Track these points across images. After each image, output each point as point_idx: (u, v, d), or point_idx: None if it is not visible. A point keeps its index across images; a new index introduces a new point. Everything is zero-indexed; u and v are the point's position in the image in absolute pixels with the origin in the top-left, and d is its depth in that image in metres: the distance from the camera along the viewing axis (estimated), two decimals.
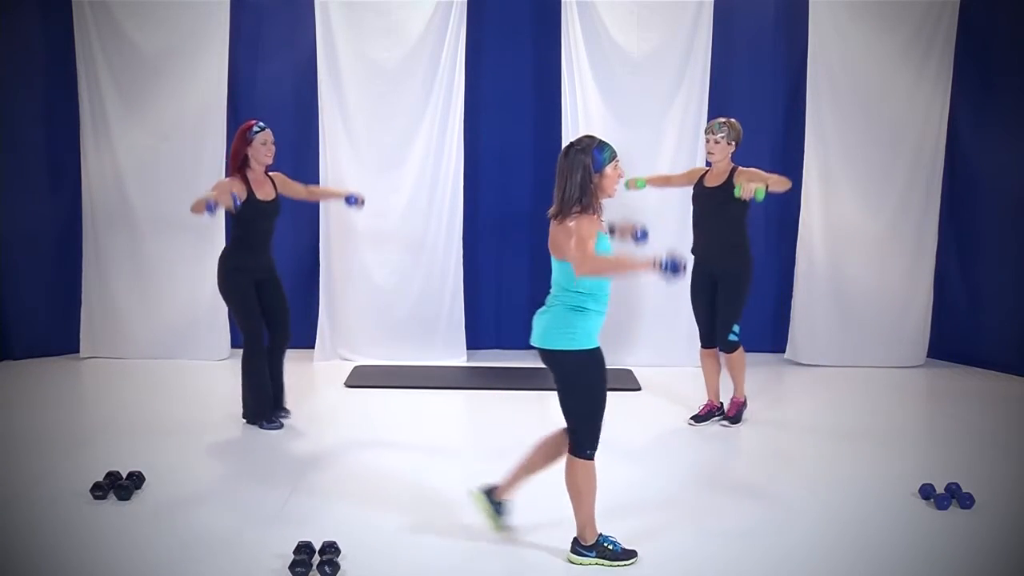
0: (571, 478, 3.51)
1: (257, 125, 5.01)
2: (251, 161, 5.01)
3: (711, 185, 5.18)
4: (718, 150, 5.12)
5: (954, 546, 3.78)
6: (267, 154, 5.03)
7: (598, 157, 3.42)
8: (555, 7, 6.59)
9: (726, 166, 5.16)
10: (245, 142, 4.98)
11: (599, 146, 3.44)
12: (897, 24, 6.53)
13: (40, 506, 3.99)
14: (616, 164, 3.45)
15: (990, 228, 6.70)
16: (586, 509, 3.53)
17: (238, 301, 5.09)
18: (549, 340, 3.46)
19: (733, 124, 5.13)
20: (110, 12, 6.38)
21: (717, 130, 5.10)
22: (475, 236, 6.96)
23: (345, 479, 4.42)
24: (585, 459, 3.48)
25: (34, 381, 6.11)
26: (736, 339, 5.23)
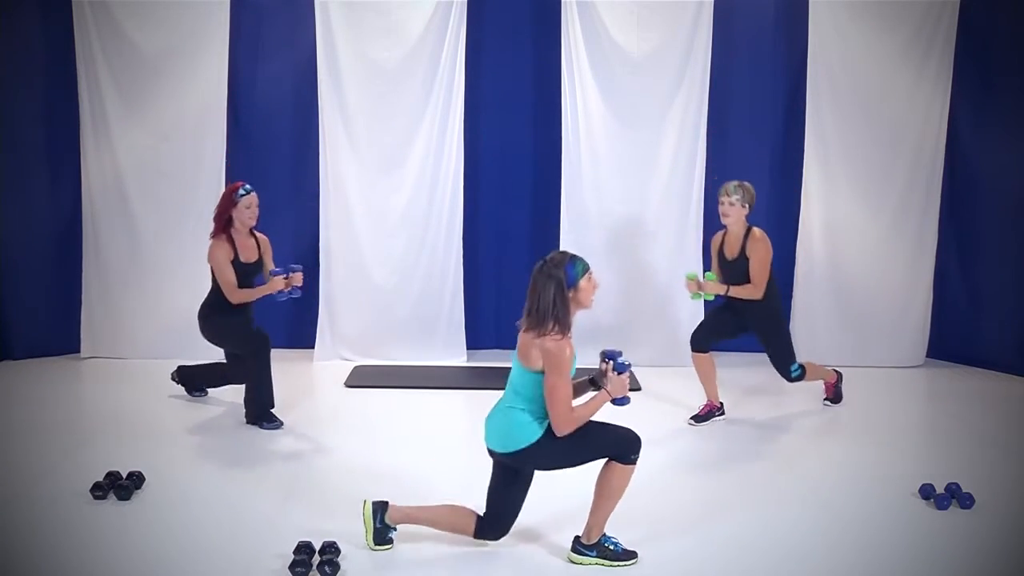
0: (607, 479, 3.50)
1: (243, 188, 5.11)
2: (235, 222, 5.10)
3: (730, 258, 5.25)
4: (733, 212, 5.15)
5: (954, 546, 3.78)
6: (251, 217, 5.14)
7: (570, 273, 3.43)
8: (555, 7, 6.59)
9: (740, 229, 5.20)
10: (231, 204, 5.10)
11: (571, 261, 3.46)
12: (897, 24, 6.53)
13: (40, 506, 3.99)
14: (589, 276, 3.46)
15: (990, 228, 6.69)
16: (607, 512, 3.53)
17: (229, 332, 5.23)
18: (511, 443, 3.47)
19: (747, 188, 5.17)
20: (110, 12, 6.38)
21: (732, 192, 5.13)
22: (475, 236, 6.96)
23: (345, 479, 4.41)
24: (628, 464, 3.48)
25: (34, 381, 6.11)
26: (799, 371, 5.37)
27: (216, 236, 5.12)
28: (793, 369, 5.34)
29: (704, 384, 5.44)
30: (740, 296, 5.15)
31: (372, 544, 3.63)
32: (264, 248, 5.32)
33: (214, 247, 5.10)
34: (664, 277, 6.72)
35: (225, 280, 5.08)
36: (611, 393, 3.47)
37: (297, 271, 5.14)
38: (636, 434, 3.49)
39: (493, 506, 3.63)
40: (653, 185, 6.69)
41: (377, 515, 3.64)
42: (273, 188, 6.55)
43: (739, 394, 5.96)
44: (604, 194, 6.68)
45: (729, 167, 6.58)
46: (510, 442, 3.48)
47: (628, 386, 3.50)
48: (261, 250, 5.28)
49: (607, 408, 3.48)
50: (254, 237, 5.25)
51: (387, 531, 3.65)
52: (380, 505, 3.66)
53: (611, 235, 6.66)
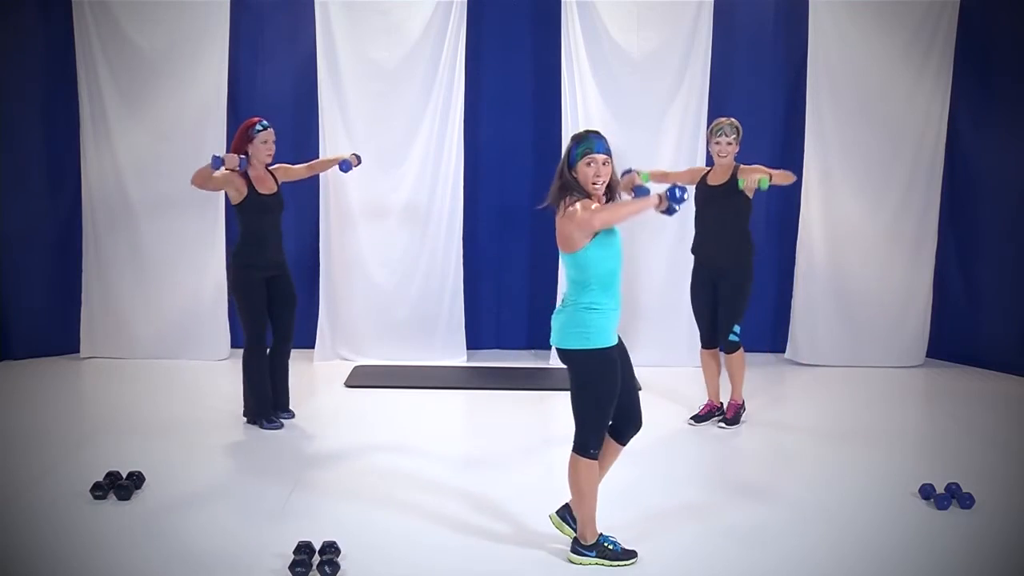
0: (574, 476, 3.51)
1: (260, 124, 5.04)
2: (251, 159, 5.03)
3: (715, 183, 5.20)
4: (730, 151, 5.15)
5: (954, 546, 3.78)
6: (267, 152, 5.06)
7: (572, 152, 3.46)
8: (555, 7, 6.59)
9: (729, 164, 5.17)
10: (247, 139, 5.02)
11: (577, 140, 3.47)
12: (897, 24, 6.53)
13: (40, 506, 4.00)
14: (591, 159, 3.41)
15: (990, 228, 6.70)
16: (587, 508, 3.53)
17: (245, 300, 5.11)
18: (564, 339, 3.47)
19: (739, 126, 5.18)
20: (110, 12, 6.38)
21: (729, 132, 5.13)
22: (475, 236, 6.96)
23: (345, 479, 4.42)
24: (588, 458, 3.47)
25: (34, 381, 6.11)
26: (737, 339, 5.23)
27: None
28: (735, 331, 5.21)
29: (708, 382, 5.44)
30: (782, 181, 5.00)
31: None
32: (283, 174, 5.22)
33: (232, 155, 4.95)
34: (664, 277, 6.72)
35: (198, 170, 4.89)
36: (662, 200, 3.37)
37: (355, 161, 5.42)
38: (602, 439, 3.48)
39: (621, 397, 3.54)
40: (653, 185, 6.67)
41: (566, 519, 3.67)
42: None
43: None
44: None
45: None
46: (562, 338, 3.47)
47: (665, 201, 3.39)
48: (279, 179, 5.18)
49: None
50: (270, 172, 5.15)
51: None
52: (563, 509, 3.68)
53: None
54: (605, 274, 3.43)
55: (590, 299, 3.43)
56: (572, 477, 3.53)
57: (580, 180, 3.42)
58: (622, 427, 3.60)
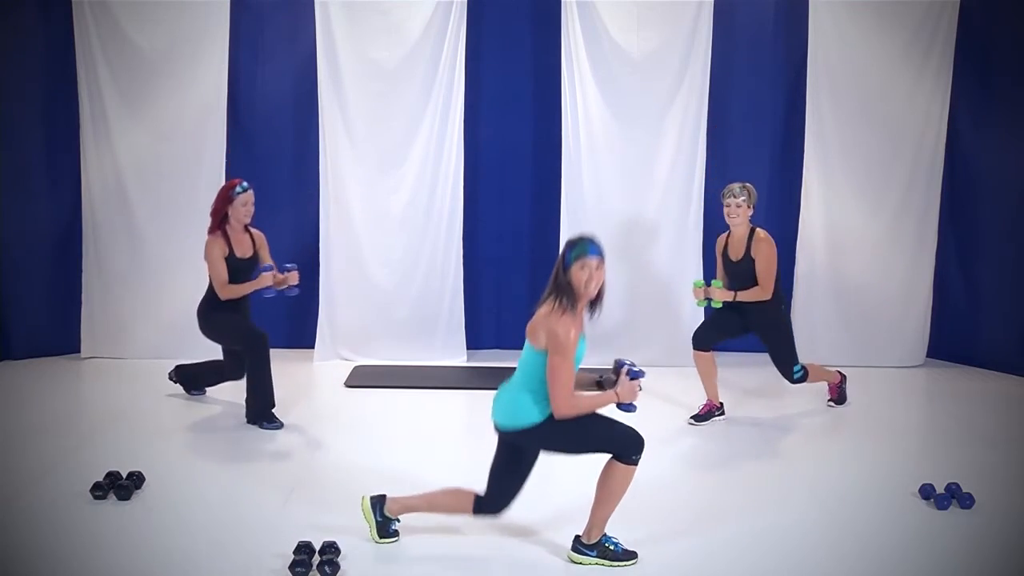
0: (608, 478, 3.50)
1: (240, 186, 5.16)
2: (231, 219, 5.15)
3: (735, 259, 5.27)
4: (740, 214, 5.19)
5: (954, 546, 3.78)
6: (246, 214, 5.19)
7: (567, 255, 3.45)
8: (555, 7, 6.59)
9: (745, 231, 5.23)
10: (227, 201, 5.15)
11: (572, 245, 3.47)
12: (897, 24, 6.53)
13: (40, 506, 3.99)
14: (583, 263, 3.41)
15: (990, 228, 6.69)
16: (608, 511, 3.53)
17: (227, 328, 5.27)
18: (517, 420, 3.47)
19: (751, 189, 5.22)
20: (110, 12, 6.38)
21: (738, 194, 5.16)
22: (475, 236, 6.96)
23: (345, 479, 4.41)
24: (629, 464, 3.47)
25: (34, 381, 6.11)
26: (802, 373, 5.37)
27: (212, 232, 5.17)
28: (796, 371, 5.35)
29: (704, 383, 5.44)
30: (748, 299, 5.17)
31: (376, 538, 3.65)
32: (260, 244, 5.37)
33: (210, 243, 5.15)
34: (664, 277, 6.73)
35: (217, 275, 5.13)
36: (620, 396, 3.45)
37: (292, 270, 5.18)
38: (639, 435, 3.49)
39: (493, 485, 3.61)
40: (653, 185, 6.69)
41: (376, 508, 3.67)
42: (273, 188, 6.57)
43: (739, 394, 5.97)
44: (604, 194, 6.68)
45: (729, 167, 6.60)
46: (514, 419, 3.48)
47: (637, 394, 3.48)
48: (256, 246, 5.34)
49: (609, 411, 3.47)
50: (249, 233, 5.30)
51: (389, 523, 3.67)
52: (378, 499, 3.69)
53: (611, 235, 6.62)
54: None
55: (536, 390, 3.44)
56: (605, 479, 3.50)
57: (573, 283, 3.43)
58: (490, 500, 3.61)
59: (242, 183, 5.17)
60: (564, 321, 3.38)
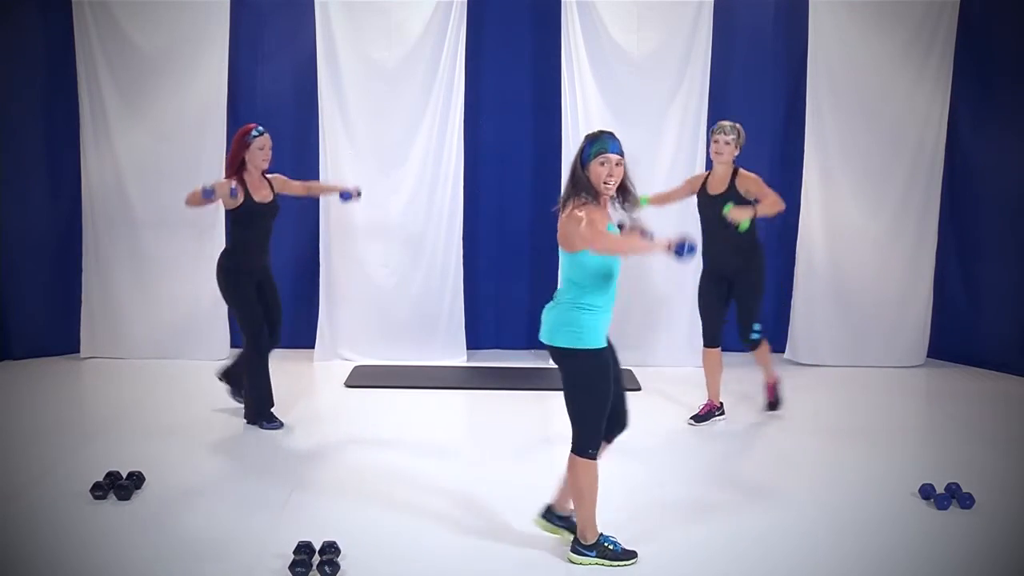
0: (573, 477, 3.51)
1: (256, 129, 5.04)
2: (248, 165, 5.04)
3: (714, 192, 5.19)
4: (727, 151, 5.13)
5: (954, 546, 3.78)
6: (264, 159, 5.06)
7: (586, 151, 3.43)
8: (555, 7, 6.59)
9: (727, 169, 5.17)
10: (243, 146, 5.01)
11: (591, 139, 3.44)
12: (897, 24, 6.53)
13: (40, 506, 4.00)
14: (604, 159, 3.38)
15: (990, 228, 6.69)
16: (587, 509, 3.53)
17: (241, 303, 5.12)
18: (556, 337, 3.45)
19: (740, 130, 5.17)
20: (110, 12, 6.38)
21: (728, 131, 5.12)
22: (475, 236, 6.96)
23: (345, 479, 4.42)
24: (587, 458, 3.47)
25: (34, 381, 6.11)
26: (759, 336, 5.29)
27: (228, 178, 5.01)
28: (756, 329, 5.27)
29: (709, 382, 5.44)
30: (769, 212, 4.99)
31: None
32: (280, 184, 5.24)
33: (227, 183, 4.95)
34: (664, 277, 6.72)
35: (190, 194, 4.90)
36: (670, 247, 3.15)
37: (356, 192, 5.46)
38: (600, 439, 3.48)
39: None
40: (653, 185, 6.65)
41: (552, 520, 3.67)
42: None
43: (739, 394, 5.96)
44: None
45: None
46: (554, 336, 3.45)
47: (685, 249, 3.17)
48: (276, 188, 5.20)
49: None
50: (267, 181, 5.17)
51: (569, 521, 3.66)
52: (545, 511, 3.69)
53: None
54: (602, 277, 3.42)
55: (585, 299, 3.42)
56: (571, 478, 3.53)
57: (592, 179, 3.40)
58: (609, 425, 3.58)
59: (257, 127, 5.04)
60: (587, 208, 3.35)
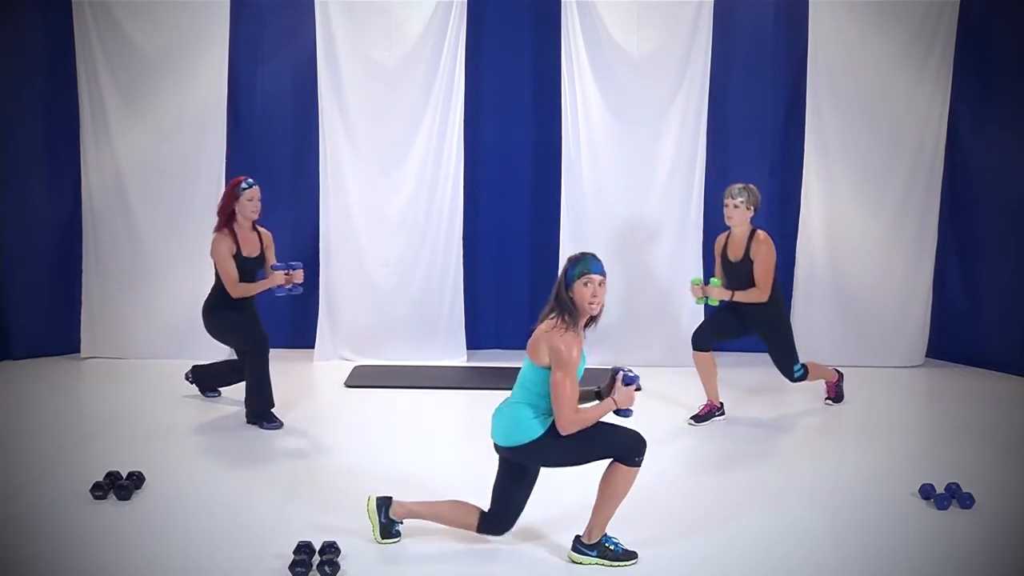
0: (611, 480, 3.50)
1: (245, 182, 5.14)
2: (238, 216, 5.14)
3: (734, 259, 5.26)
4: (737, 215, 5.17)
5: (954, 546, 3.78)
6: (253, 210, 5.16)
7: (569, 272, 3.46)
8: (555, 7, 6.59)
9: (745, 231, 5.22)
10: (234, 197, 5.13)
11: (574, 261, 3.48)
12: (897, 24, 6.53)
13: (40, 506, 4.00)
14: (587, 280, 3.42)
15: (990, 228, 6.69)
16: (609, 513, 3.53)
17: (231, 327, 5.25)
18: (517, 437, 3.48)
19: (752, 190, 5.19)
20: (110, 12, 6.38)
21: (737, 195, 5.15)
22: (475, 236, 6.96)
23: (345, 479, 4.42)
24: (632, 466, 3.48)
25: (34, 381, 6.11)
26: (801, 372, 5.38)
27: (219, 230, 5.15)
28: (796, 370, 5.35)
29: (704, 383, 5.44)
30: (745, 300, 5.16)
31: (379, 538, 3.66)
32: (267, 243, 5.35)
33: (217, 241, 5.13)
34: (664, 277, 6.72)
35: (226, 274, 5.11)
36: (617, 403, 3.48)
37: (298, 268, 5.17)
38: (642, 437, 3.49)
39: (497, 502, 3.64)
40: (653, 185, 6.69)
41: (381, 510, 3.68)
42: (273, 188, 6.53)
43: (739, 394, 5.96)
44: (604, 194, 6.68)
45: (729, 167, 6.60)
46: (514, 437, 3.49)
47: (634, 398, 3.50)
48: (264, 244, 5.31)
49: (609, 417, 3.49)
50: (256, 232, 5.28)
51: (392, 525, 3.69)
52: (384, 500, 3.69)
53: (611, 235, 6.66)
54: None
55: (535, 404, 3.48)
56: (608, 480, 3.50)
57: (576, 300, 3.44)
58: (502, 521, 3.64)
59: (247, 179, 5.15)
60: (567, 338, 3.39)
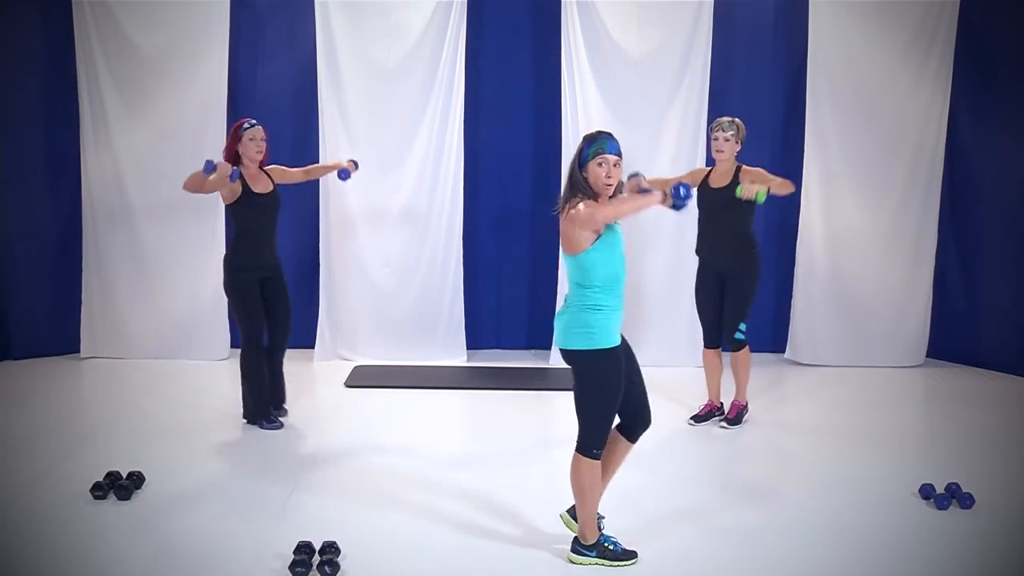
0: (576, 476, 3.50)
1: (248, 122, 5.08)
2: (243, 157, 5.05)
3: (716, 186, 5.18)
4: (727, 148, 5.12)
5: (954, 546, 3.78)
6: (257, 150, 5.07)
7: (584, 152, 3.43)
8: (555, 7, 6.59)
9: (731, 165, 5.17)
10: (236, 139, 5.06)
11: (589, 140, 3.44)
12: (897, 24, 6.54)
13: (40, 506, 3.99)
14: (602, 160, 3.38)
15: (990, 228, 6.70)
16: (588, 508, 3.53)
17: (240, 302, 5.11)
18: (568, 340, 3.46)
19: (740, 124, 5.16)
20: (110, 12, 6.39)
21: (727, 128, 5.11)
22: (475, 236, 6.96)
23: (345, 479, 4.42)
24: (591, 458, 3.47)
25: (34, 381, 6.11)
26: (743, 337, 5.25)
27: None
28: (741, 328, 5.23)
29: (709, 382, 5.44)
30: (781, 192, 4.94)
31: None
32: (278, 175, 5.24)
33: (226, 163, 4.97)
34: (664, 277, 6.73)
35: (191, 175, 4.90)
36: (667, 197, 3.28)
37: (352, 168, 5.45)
38: (605, 439, 3.48)
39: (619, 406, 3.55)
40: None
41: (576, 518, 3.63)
42: None
43: None
44: None
45: None
46: (566, 339, 3.46)
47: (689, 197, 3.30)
48: (275, 179, 5.20)
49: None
50: (264, 173, 5.18)
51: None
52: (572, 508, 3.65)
53: None
54: (608, 276, 3.42)
55: (593, 300, 3.42)
56: (574, 477, 3.52)
57: (591, 180, 3.40)
58: (632, 424, 3.61)
59: (249, 119, 5.08)
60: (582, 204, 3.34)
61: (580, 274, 3.43)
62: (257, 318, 5.13)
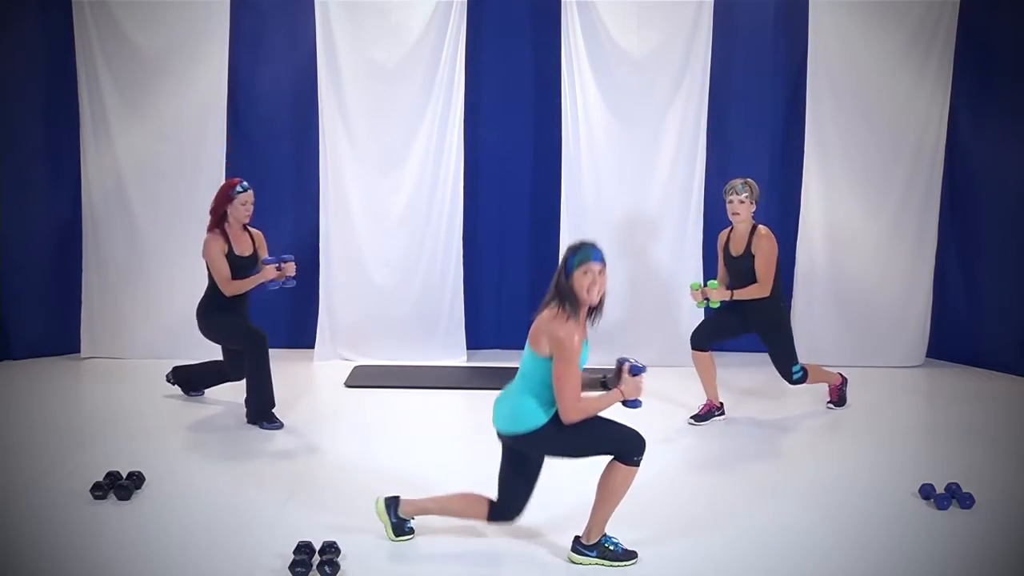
0: (609, 479, 3.49)
1: (240, 185, 5.19)
2: (229, 218, 5.18)
3: (736, 253, 5.26)
4: (743, 210, 5.18)
5: (954, 546, 3.78)
6: (245, 214, 5.22)
7: (569, 261, 3.45)
8: (555, 7, 6.59)
9: (747, 227, 5.22)
10: (227, 200, 5.17)
11: (573, 250, 3.46)
12: (897, 24, 6.53)
13: (40, 506, 3.99)
14: (587, 268, 3.40)
15: (990, 228, 6.69)
16: (608, 512, 3.53)
17: (227, 328, 5.26)
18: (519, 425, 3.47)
19: (752, 185, 5.21)
20: (110, 12, 6.38)
21: (741, 190, 5.16)
22: (475, 236, 6.96)
23: (345, 479, 4.42)
24: (630, 465, 3.47)
25: (34, 381, 6.11)
26: (801, 374, 5.34)
27: (211, 230, 5.19)
28: (795, 371, 5.33)
29: (704, 383, 5.44)
30: (747, 297, 5.15)
31: (392, 537, 3.67)
32: (259, 242, 5.39)
33: (209, 241, 5.17)
34: (664, 277, 6.73)
35: (219, 272, 5.14)
36: (624, 393, 3.47)
37: (289, 260, 5.19)
38: (641, 436, 3.48)
39: (503, 491, 3.63)
40: (653, 185, 6.70)
41: (390, 510, 3.69)
42: (273, 188, 6.57)
43: (739, 394, 5.97)
44: (604, 194, 6.68)
45: (729, 166, 6.60)
46: (516, 425, 3.49)
47: (642, 389, 3.50)
48: (255, 244, 5.36)
49: (615, 409, 3.48)
50: (248, 232, 5.32)
51: (404, 523, 3.70)
52: (392, 500, 3.71)
53: (611, 235, 6.65)
54: None
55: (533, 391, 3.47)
56: (606, 480, 3.49)
57: (575, 289, 3.42)
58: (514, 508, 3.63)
59: (242, 183, 5.20)
60: (568, 327, 3.38)
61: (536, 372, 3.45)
62: (246, 328, 5.23)
